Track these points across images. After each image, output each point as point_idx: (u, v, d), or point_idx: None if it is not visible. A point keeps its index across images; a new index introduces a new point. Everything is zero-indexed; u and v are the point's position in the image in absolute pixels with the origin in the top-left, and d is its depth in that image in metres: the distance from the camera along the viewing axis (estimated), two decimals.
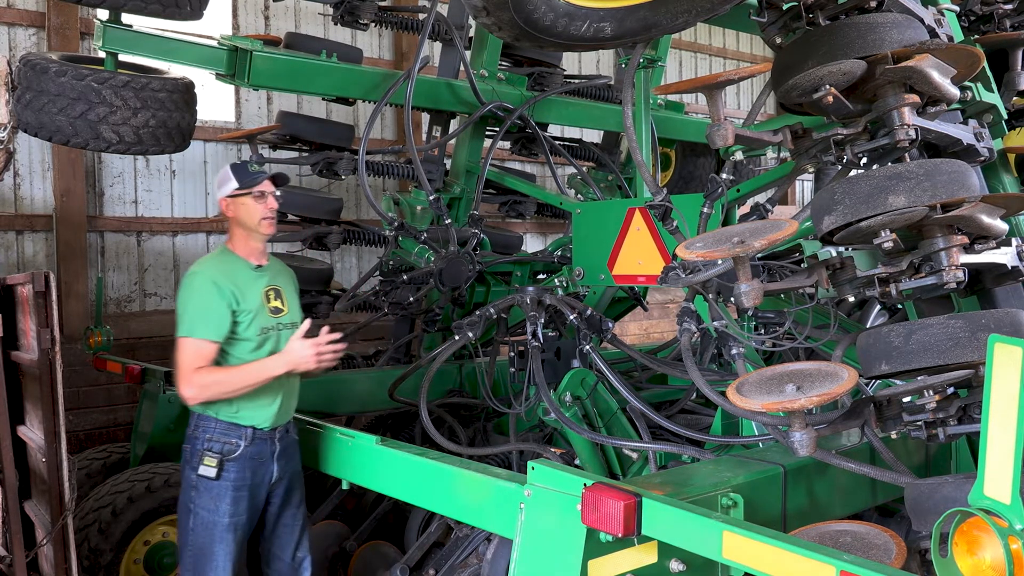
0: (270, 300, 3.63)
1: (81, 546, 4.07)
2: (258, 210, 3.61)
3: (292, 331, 3.67)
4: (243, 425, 3.50)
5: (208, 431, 3.49)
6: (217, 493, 3.46)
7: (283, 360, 3.48)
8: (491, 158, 6.09)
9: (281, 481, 3.67)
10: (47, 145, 6.52)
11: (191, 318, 3.44)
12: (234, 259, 3.64)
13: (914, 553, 3.08)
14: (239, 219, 3.63)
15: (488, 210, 7.47)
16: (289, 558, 3.76)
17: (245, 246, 3.66)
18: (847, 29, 3.31)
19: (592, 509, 2.72)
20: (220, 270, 3.54)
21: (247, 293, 3.54)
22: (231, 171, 3.64)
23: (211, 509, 3.46)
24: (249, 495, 3.53)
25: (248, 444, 3.51)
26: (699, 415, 4.95)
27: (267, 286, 3.65)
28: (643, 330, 10.03)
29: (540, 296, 4.49)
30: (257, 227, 3.63)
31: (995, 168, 3.98)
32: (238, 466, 3.49)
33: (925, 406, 3.04)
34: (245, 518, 3.53)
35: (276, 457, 3.61)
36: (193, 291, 3.48)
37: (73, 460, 3.82)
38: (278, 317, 3.65)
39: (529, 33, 3.17)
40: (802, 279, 3.34)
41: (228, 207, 3.63)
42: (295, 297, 3.82)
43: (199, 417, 3.53)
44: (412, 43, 8.21)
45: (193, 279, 3.51)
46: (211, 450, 3.47)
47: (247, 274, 3.61)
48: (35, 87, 4.30)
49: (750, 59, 12.03)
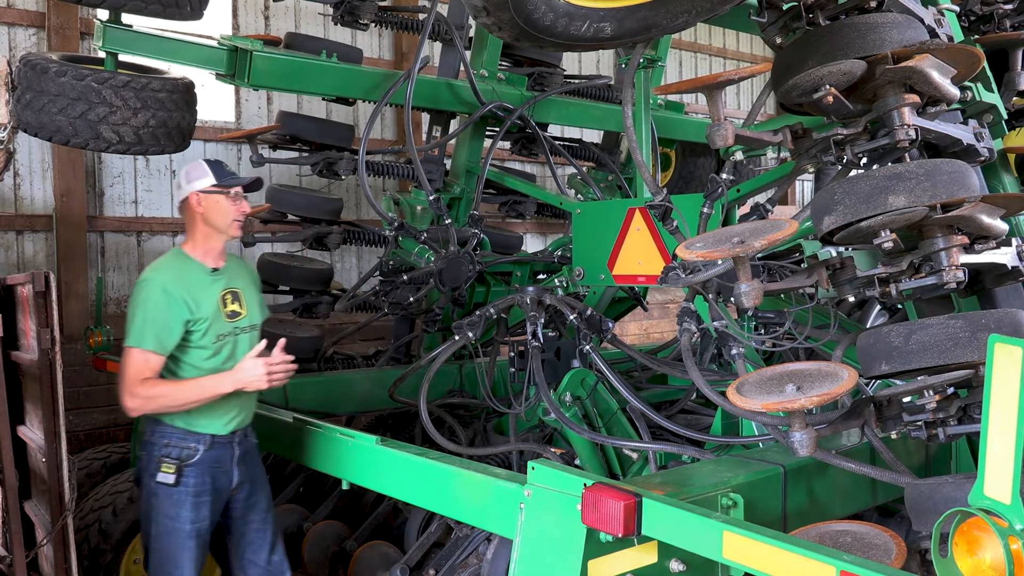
0: (227, 304, 3.52)
1: (81, 546, 4.07)
2: (231, 211, 3.50)
3: (252, 334, 3.60)
4: (199, 432, 3.43)
5: (165, 436, 3.41)
6: (177, 500, 3.38)
7: (233, 379, 3.36)
8: (491, 158, 6.09)
9: (243, 486, 3.59)
10: (47, 145, 6.51)
11: (139, 328, 3.33)
12: (189, 263, 3.51)
13: (914, 553, 3.08)
14: (207, 217, 3.49)
15: (488, 210, 7.46)
16: (264, 562, 3.68)
17: (204, 246, 3.53)
18: (847, 29, 3.31)
19: (592, 509, 2.72)
20: (173, 276, 3.43)
21: (201, 300, 3.43)
22: (208, 166, 3.51)
23: (172, 516, 3.39)
24: (211, 500, 3.46)
25: (207, 449, 3.43)
26: (699, 415, 4.95)
27: (224, 289, 3.53)
28: (643, 330, 10.02)
29: (540, 296, 4.49)
30: (226, 228, 3.51)
31: (995, 168, 3.98)
32: (197, 472, 3.41)
33: (925, 406, 3.04)
34: (207, 523, 3.47)
35: (236, 462, 3.54)
36: (143, 300, 3.37)
37: (73, 460, 3.82)
38: (235, 321, 3.55)
39: (529, 33, 3.17)
40: (802, 279, 3.34)
41: (198, 202, 3.48)
42: (256, 297, 3.71)
43: (155, 423, 3.44)
44: (412, 43, 8.21)
45: (144, 286, 3.39)
46: (169, 456, 3.38)
47: (202, 279, 3.49)
48: (35, 87, 4.30)
49: (750, 59, 12.03)
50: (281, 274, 5.79)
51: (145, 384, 3.32)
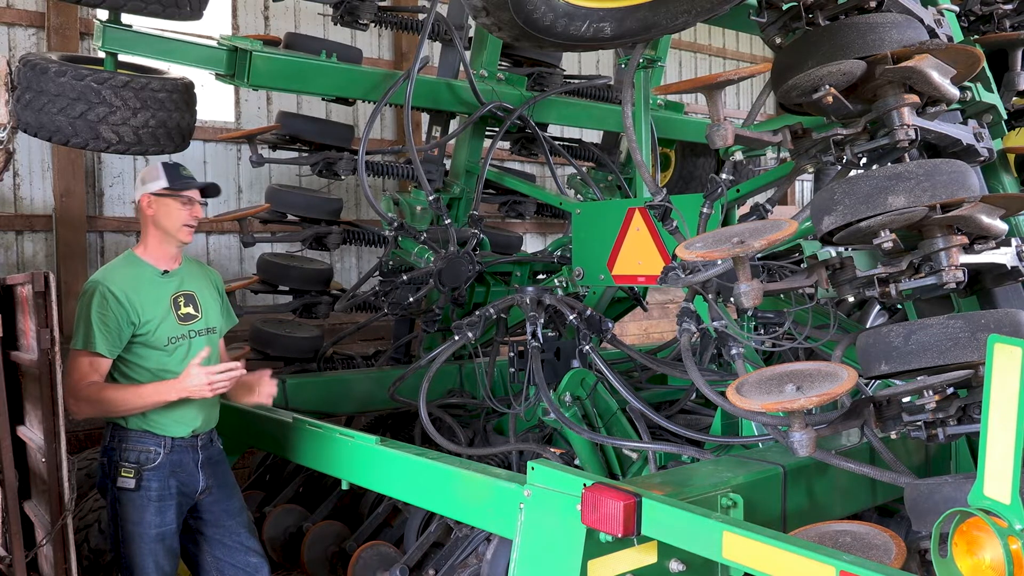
0: (180, 307, 3.49)
1: (81, 546, 4.07)
2: (182, 215, 3.46)
3: (208, 337, 3.57)
4: (158, 434, 3.40)
5: (123, 440, 3.38)
6: (140, 504, 3.36)
7: (177, 387, 3.30)
8: (491, 158, 6.08)
9: (210, 490, 3.57)
10: (47, 145, 6.51)
11: (85, 331, 3.33)
12: (140, 265, 3.50)
13: (914, 553, 3.08)
14: (157, 220, 3.46)
15: (488, 210, 7.46)
16: (243, 564, 3.66)
17: (157, 250, 3.51)
18: (847, 29, 3.31)
19: (592, 509, 2.72)
20: (121, 280, 3.41)
21: (148, 303, 3.41)
22: (162, 168, 3.49)
23: (136, 521, 3.36)
24: (176, 504, 3.43)
25: (168, 453, 3.39)
26: (699, 415, 4.95)
27: (176, 292, 3.51)
28: (643, 330, 10.02)
29: (540, 296, 4.49)
30: (176, 232, 3.48)
31: (995, 168, 3.98)
32: (159, 476, 3.38)
33: (925, 406, 3.04)
34: (173, 528, 3.43)
35: (200, 465, 3.51)
36: (89, 304, 3.36)
37: (73, 460, 3.81)
38: (189, 324, 3.51)
39: (529, 33, 3.17)
40: (802, 279, 3.34)
41: (149, 205, 3.45)
42: (214, 300, 3.68)
43: (112, 427, 3.42)
44: (412, 43, 8.20)
45: (92, 289, 3.38)
46: (127, 460, 3.36)
47: (152, 281, 3.47)
48: (35, 87, 4.30)
49: (750, 59, 12.03)
50: (281, 274, 5.79)
51: (91, 388, 3.31)
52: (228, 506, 3.66)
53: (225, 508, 3.65)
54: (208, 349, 3.47)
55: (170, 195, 3.46)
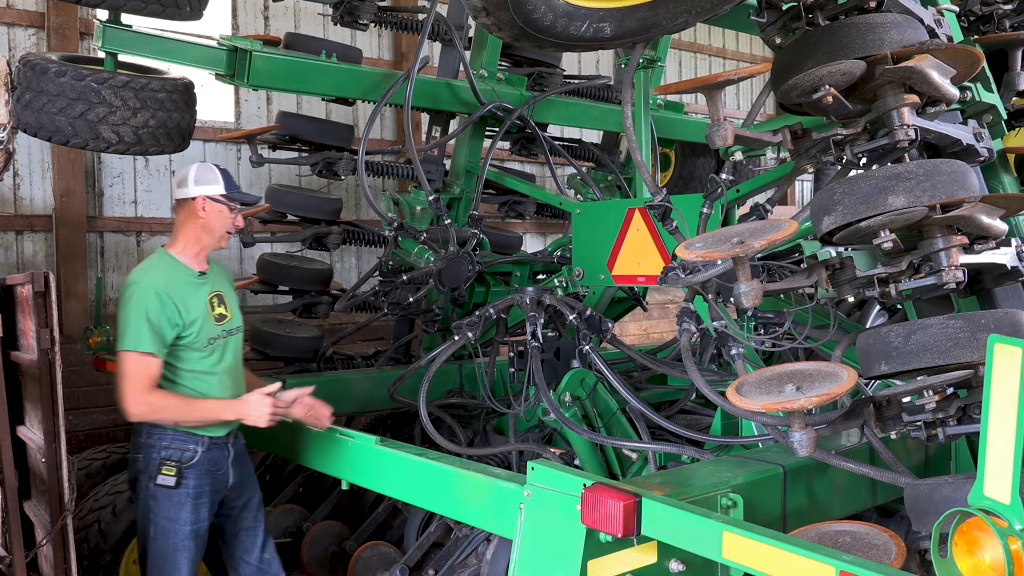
0: (215, 307, 3.54)
1: (81, 546, 4.08)
2: (228, 222, 3.55)
3: (238, 336, 3.65)
4: (197, 434, 3.45)
5: (164, 439, 3.42)
6: (177, 502, 3.40)
7: (236, 410, 3.42)
8: (491, 158, 6.08)
9: (237, 486, 3.63)
10: (47, 145, 6.51)
11: (135, 331, 3.33)
12: (177, 266, 3.52)
13: (914, 553, 3.08)
14: (207, 223, 3.52)
15: (488, 210, 7.46)
16: (256, 560, 3.71)
17: (193, 249, 3.55)
18: (847, 29, 3.31)
19: (592, 509, 2.72)
20: (163, 281, 3.42)
21: (190, 304, 3.45)
22: (219, 173, 3.54)
23: (172, 518, 3.40)
24: (209, 502, 3.49)
25: (205, 451, 3.45)
26: (699, 415, 4.95)
27: (211, 293, 3.56)
28: (643, 330, 10.02)
29: (540, 296, 4.49)
30: (220, 238, 3.56)
31: (995, 168, 3.98)
32: (196, 473, 3.44)
33: (925, 406, 3.04)
34: (205, 524, 3.50)
35: (231, 463, 3.58)
36: (136, 302, 3.36)
37: (73, 460, 3.82)
38: (223, 324, 3.57)
39: (528, 33, 3.17)
40: (802, 279, 3.34)
41: (203, 207, 3.51)
42: (235, 300, 3.75)
43: (151, 427, 3.45)
44: (412, 43, 8.21)
45: (135, 289, 3.39)
46: (169, 459, 3.40)
47: (190, 282, 3.51)
48: (35, 87, 4.30)
49: (750, 59, 12.03)
50: (281, 274, 5.78)
51: (155, 394, 3.34)
52: (250, 502, 3.72)
53: (247, 503, 3.71)
54: (279, 384, 3.54)
55: (225, 201, 3.51)
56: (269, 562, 3.74)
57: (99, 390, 6.50)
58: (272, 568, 3.75)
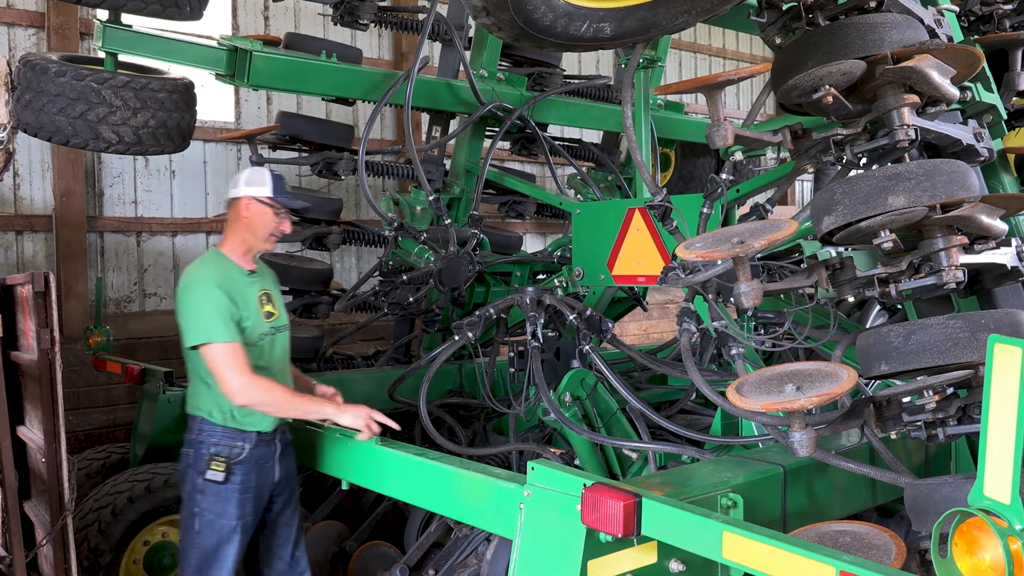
0: (263, 305, 3.63)
1: (81, 546, 4.07)
2: (272, 224, 3.62)
3: (285, 334, 3.72)
4: (246, 430, 3.51)
5: (214, 435, 3.49)
6: (224, 496, 3.47)
7: (333, 411, 3.53)
8: (491, 158, 6.08)
9: (283, 481, 3.69)
10: (47, 145, 6.51)
11: (210, 323, 3.39)
12: (229, 264, 3.60)
13: (914, 553, 3.08)
14: (251, 223, 3.60)
15: (488, 210, 7.47)
16: (288, 556, 3.77)
17: (240, 249, 3.63)
18: (847, 29, 3.31)
19: (592, 509, 2.72)
20: (219, 275, 3.51)
21: (244, 301, 3.52)
22: (269, 177, 3.62)
23: (218, 512, 3.47)
24: (254, 496, 3.55)
25: (252, 447, 3.52)
26: (699, 415, 4.95)
27: (260, 291, 3.65)
28: (643, 330, 10.02)
29: (540, 296, 4.49)
30: (263, 239, 3.63)
31: (995, 168, 3.98)
32: (244, 469, 3.50)
33: (925, 406, 3.04)
34: (251, 519, 3.56)
35: (278, 458, 3.64)
36: (201, 296, 3.43)
37: (73, 460, 3.82)
38: (271, 322, 3.65)
39: (529, 33, 3.17)
40: (802, 279, 3.34)
41: (247, 207, 3.59)
42: (281, 299, 3.82)
43: (202, 422, 3.51)
44: (412, 43, 8.21)
45: (197, 285, 3.47)
46: (219, 455, 3.47)
47: (242, 280, 3.59)
48: (35, 87, 4.30)
49: (750, 59, 12.03)
50: (281, 274, 5.76)
51: (262, 382, 3.40)
52: (291, 497, 3.78)
53: (289, 499, 3.76)
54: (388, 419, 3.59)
55: (270, 203, 3.59)
56: (298, 559, 3.80)
57: (99, 390, 6.51)
58: (300, 565, 3.80)
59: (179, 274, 7.31)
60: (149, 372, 4.97)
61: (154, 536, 4.33)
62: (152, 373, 4.94)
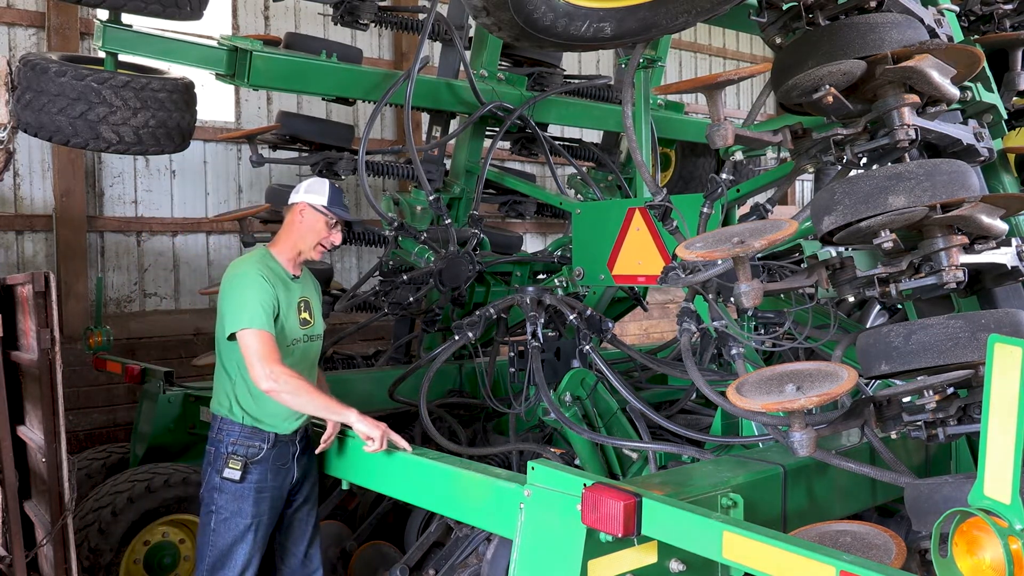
0: (300, 311, 3.66)
1: (81, 546, 4.07)
2: (322, 234, 3.66)
3: (317, 343, 3.75)
4: (265, 430, 3.54)
5: (232, 435, 3.52)
6: (240, 494, 3.49)
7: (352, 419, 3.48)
8: (491, 158, 6.08)
9: (301, 482, 3.72)
10: (47, 145, 6.52)
11: (249, 310, 3.41)
12: (275, 263, 3.65)
13: (914, 553, 3.08)
14: (301, 229, 3.65)
15: (488, 210, 7.47)
16: (302, 554, 3.79)
17: (289, 253, 3.68)
18: (847, 29, 3.31)
19: (592, 509, 2.72)
20: (266, 270, 3.55)
21: (284, 301, 3.57)
22: (328, 188, 3.67)
23: (233, 510, 3.49)
24: (271, 496, 3.57)
25: (271, 448, 3.54)
26: (699, 415, 4.95)
27: (300, 297, 3.68)
28: (643, 330, 10.03)
29: (540, 296, 4.49)
30: (310, 247, 3.67)
31: (995, 168, 3.98)
32: (261, 468, 3.53)
33: (925, 406, 3.04)
34: (267, 518, 3.57)
35: (297, 459, 3.66)
36: (246, 285, 3.47)
37: (73, 460, 3.82)
38: (306, 329, 3.68)
39: (529, 33, 3.17)
40: (802, 279, 3.34)
41: (300, 212, 3.64)
42: (320, 310, 3.84)
43: (222, 421, 3.55)
44: (412, 43, 8.21)
45: (243, 275, 3.51)
46: (236, 453, 3.50)
47: (286, 282, 3.63)
48: (35, 87, 4.30)
49: (750, 59, 12.03)
50: None
51: (291, 375, 3.38)
52: (309, 495, 3.79)
53: (307, 497, 3.78)
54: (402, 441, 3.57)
55: (323, 212, 3.63)
56: (311, 557, 3.82)
57: (99, 390, 6.51)
58: (313, 563, 3.82)
59: (179, 274, 7.33)
60: (149, 372, 4.97)
61: (154, 536, 4.33)
62: (152, 373, 4.94)
